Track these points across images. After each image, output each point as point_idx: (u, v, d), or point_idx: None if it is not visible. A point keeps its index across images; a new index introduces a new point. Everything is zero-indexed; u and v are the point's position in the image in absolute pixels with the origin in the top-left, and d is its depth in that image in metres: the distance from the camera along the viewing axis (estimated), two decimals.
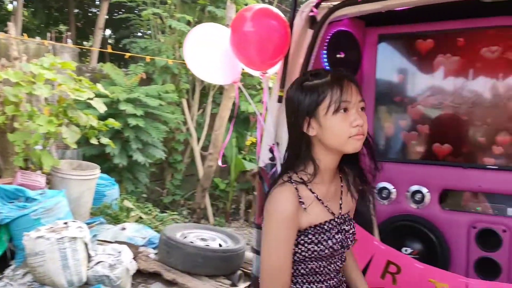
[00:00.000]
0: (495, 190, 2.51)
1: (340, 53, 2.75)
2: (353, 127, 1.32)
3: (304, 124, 1.36)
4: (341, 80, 1.34)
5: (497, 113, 2.54)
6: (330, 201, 1.44)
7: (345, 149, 1.35)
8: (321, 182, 1.41)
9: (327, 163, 1.40)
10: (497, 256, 2.49)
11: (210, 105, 7.22)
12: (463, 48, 2.62)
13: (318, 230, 1.40)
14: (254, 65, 2.40)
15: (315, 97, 1.33)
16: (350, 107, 1.33)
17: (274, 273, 1.37)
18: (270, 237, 1.38)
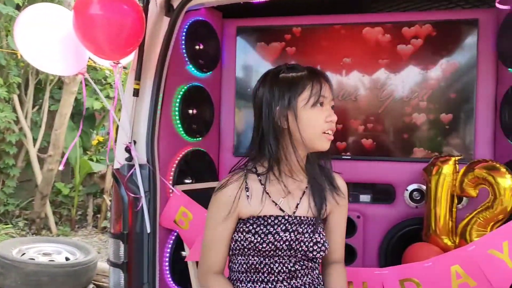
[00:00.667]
0: (349, 179, 2.63)
1: (199, 44, 2.60)
2: (326, 122, 1.37)
3: (280, 116, 1.37)
4: (319, 76, 1.39)
5: (347, 106, 2.67)
6: (285, 198, 1.43)
7: (315, 145, 1.38)
8: (280, 177, 1.42)
9: (291, 158, 1.40)
10: (353, 241, 2.63)
11: (47, 102, 6.45)
12: (317, 42, 2.70)
13: (258, 222, 1.40)
14: (104, 54, 2.11)
15: (296, 89, 1.36)
16: (325, 102, 1.38)
17: (205, 250, 1.45)
18: (209, 215, 1.44)
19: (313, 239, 1.42)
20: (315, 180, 1.47)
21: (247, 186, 1.41)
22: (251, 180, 1.42)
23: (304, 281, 1.43)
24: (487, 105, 2.51)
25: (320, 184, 1.47)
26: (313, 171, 1.48)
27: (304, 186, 1.47)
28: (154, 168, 2.26)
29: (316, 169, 1.48)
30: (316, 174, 1.48)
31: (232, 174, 1.44)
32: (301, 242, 1.40)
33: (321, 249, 1.42)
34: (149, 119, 2.27)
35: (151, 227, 2.24)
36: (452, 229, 2.25)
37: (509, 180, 2.01)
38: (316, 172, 1.48)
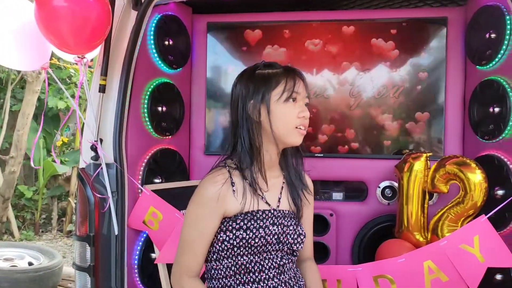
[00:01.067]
0: (321, 177, 2.63)
1: (169, 40, 2.53)
2: (299, 118, 1.40)
3: (253, 110, 1.40)
4: (294, 73, 1.43)
5: (319, 104, 2.66)
6: (268, 192, 1.46)
7: (288, 139, 1.41)
8: (259, 172, 1.44)
9: (267, 153, 1.43)
10: (326, 239, 2.61)
11: (8, 101, 6.20)
12: (289, 40, 2.68)
13: (248, 217, 1.39)
14: (68, 48, 2.04)
15: (270, 84, 1.39)
16: (298, 98, 1.41)
17: (182, 250, 1.41)
18: (189, 212, 1.41)
19: (297, 232, 1.48)
20: (290, 177, 1.53)
21: (233, 181, 1.41)
22: (235, 176, 1.42)
23: (290, 275, 1.47)
24: (456, 102, 2.54)
25: (294, 181, 1.53)
26: (289, 169, 1.53)
27: (281, 181, 1.52)
28: (122, 167, 2.18)
29: (292, 167, 1.54)
30: (291, 171, 1.53)
31: (215, 171, 1.44)
32: (287, 235, 1.45)
33: (302, 241, 1.49)
34: (116, 116, 2.20)
35: (119, 229, 2.17)
36: (424, 225, 2.26)
37: (479, 176, 2.03)
38: (291, 170, 1.53)
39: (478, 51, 2.35)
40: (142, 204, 2.22)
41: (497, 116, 2.20)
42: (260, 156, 1.44)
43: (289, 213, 1.49)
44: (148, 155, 2.41)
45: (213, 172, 1.44)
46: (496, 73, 2.24)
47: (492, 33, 2.24)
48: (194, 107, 2.78)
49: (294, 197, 1.52)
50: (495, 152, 2.21)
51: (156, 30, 2.42)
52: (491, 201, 2.08)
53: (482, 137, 2.30)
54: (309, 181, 1.62)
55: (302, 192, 1.54)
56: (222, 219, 1.41)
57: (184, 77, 2.71)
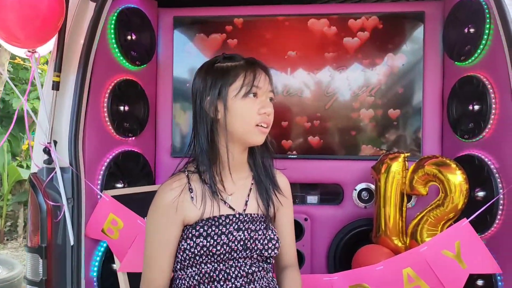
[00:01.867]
0: (295, 179, 2.50)
1: (131, 34, 2.36)
2: (260, 114, 1.29)
3: (210, 106, 1.30)
4: (255, 65, 1.32)
5: (292, 102, 2.53)
6: (233, 195, 1.37)
7: (249, 138, 1.31)
8: (223, 174, 1.35)
9: (230, 153, 1.33)
10: (300, 245, 2.48)
11: None
12: (259, 35, 2.54)
13: (209, 223, 1.31)
14: (17, 41, 1.87)
15: (227, 78, 1.29)
16: (260, 93, 1.31)
17: (147, 263, 1.34)
18: (149, 224, 1.34)
19: (267, 236, 1.37)
20: (259, 177, 1.43)
21: (191, 187, 1.33)
22: (194, 181, 1.34)
23: (261, 284, 1.37)
24: (434, 100, 2.45)
25: (263, 181, 1.43)
26: (257, 168, 1.43)
27: (250, 183, 1.42)
28: (78, 171, 2.00)
29: (260, 166, 1.43)
30: (260, 170, 1.43)
31: (173, 177, 1.36)
32: (255, 241, 1.35)
33: (275, 246, 1.38)
34: (72, 116, 2.04)
35: (75, 239, 2.00)
36: (402, 229, 2.15)
37: (460, 177, 1.93)
38: (260, 169, 1.43)
39: (456, 47, 2.26)
40: (100, 211, 2.04)
41: (477, 114, 2.12)
42: (221, 157, 1.34)
43: (258, 217, 1.39)
44: (109, 158, 2.24)
45: (171, 178, 1.36)
46: (475, 69, 2.15)
47: (471, 27, 2.15)
48: (160, 107, 2.61)
49: (265, 199, 1.41)
50: (475, 152, 2.12)
51: (117, 23, 2.26)
52: (472, 203, 1.99)
53: (462, 136, 2.21)
54: (284, 181, 1.51)
55: (273, 192, 1.43)
56: (183, 227, 1.34)
57: (149, 74, 2.55)
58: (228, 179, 1.37)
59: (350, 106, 2.50)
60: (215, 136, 1.33)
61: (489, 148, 2.05)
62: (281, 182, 1.49)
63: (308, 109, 2.53)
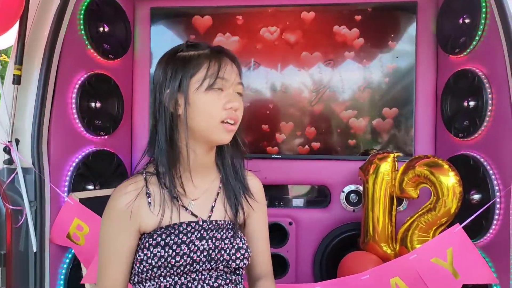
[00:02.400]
0: (280, 181, 2.36)
1: (103, 26, 2.21)
2: (225, 110, 1.15)
3: (170, 100, 1.16)
4: (221, 54, 1.19)
5: (276, 98, 2.38)
6: (198, 201, 1.23)
7: (213, 136, 1.17)
8: (184, 176, 1.20)
9: (193, 153, 1.19)
10: (284, 251, 2.35)
11: None
12: (243, 27, 2.39)
13: (168, 232, 1.17)
14: None
15: (189, 68, 1.15)
16: (226, 86, 1.17)
17: (101, 273, 1.21)
18: (102, 231, 1.21)
19: (234, 246, 1.24)
20: (228, 180, 1.29)
21: (148, 191, 1.19)
22: (152, 184, 1.20)
23: None
24: (427, 96, 2.32)
25: (232, 185, 1.29)
26: (226, 169, 1.29)
27: (217, 186, 1.28)
28: (41, 172, 1.86)
29: (229, 167, 1.30)
30: (229, 172, 1.29)
31: (129, 179, 1.22)
32: (221, 250, 1.21)
33: (244, 256, 1.24)
34: (36, 112, 1.90)
35: (38, 245, 1.88)
36: (392, 234, 2.00)
37: (453, 178, 1.78)
38: (229, 171, 1.29)
39: (451, 39, 2.12)
40: (64, 216, 1.90)
41: (473, 110, 1.97)
42: (183, 157, 1.19)
43: (226, 224, 1.26)
44: (78, 158, 2.09)
45: (127, 180, 1.21)
46: (470, 62, 2.01)
47: (466, 18, 2.01)
48: (137, 103, 2.47)
49: (233, 204, 1.28)
50: (470, 152, 1.98)
51: (87, 14, 2.11)
52: (467, 206, 1.86)
53: (456, 135, 2.07)
54: (256, 184, 1.36)
55: (243, 196, 1.30)
56: (140, 236, 1.20)
57: (124, 69, 2.40)
58: (191, 182, 1.23)
59: (337, 103, 2.36)
60: (176, 133, 1.19)
61: (485, 147, 1.91)
62: (253, 185, 1.35)
63: (293, 105, 2.39)
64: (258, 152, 2.35)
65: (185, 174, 1.21)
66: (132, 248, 1.19)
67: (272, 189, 2.40)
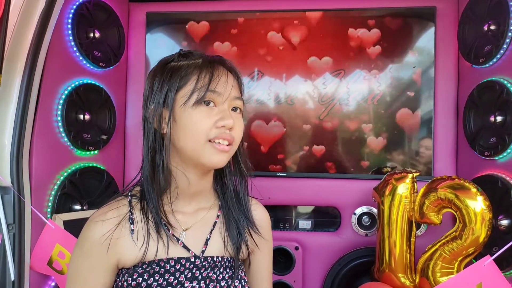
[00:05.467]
0: (285, 201, 2.16)
1: (94, 32, 2.04)
2: (217, 128, 0.99)
3: (154, 117, 1.02)
4: (214, 64, 1.03)
5: (281, 111, 2.20)
6: (190, 231, 1.06)
7: (202, 160, 1.00)
8: (175, 204, 1.06)
9: (185, 178, 1.04)
10: (290, 279, 2.15)
11: None
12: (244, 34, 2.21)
13: (151, 270, 0.99)
14: None
15: (176, 81, 1.01)
16: (219, 101, 1.01)
17: None
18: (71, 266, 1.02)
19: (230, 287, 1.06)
20: (229, 210, 1.12)
21: (132, 217, 1.02)
22: (137, 210, 1.04)
23: None
24: (447, 110, 2.13)
25: (234, 215, 1.12)
26: (227, 197, 1.13)
27: (215, 215, 1.12)
28: (21, 192, 1.68)
29: (231, 195, 1.13)
30: (231, 201, 1.13)
31: (110, 203, 1.06)
32: None
33: None
34: (16, 125, 1.71)
35: (16, 273, 1.70)
36: (411, 264, 1.80)
37: (481, 203, 1.58)
38: (231, 199, 1.13)
39: (474, 47, 1.94)
40: (45, 241, 1.71)
41: (500, 126, 1.78)
42: (175, 181, 1.04)
43: (222, 261, 1.07)
44: (63, 176, 1.90)
45: (108, 205, 1.05)
46: (497, 73, 1.83)
47: (492, 24, 1.83)
48: (130, 115, 2.29)
49: (233, 237, 1.10)
50: (497, 172, 1.78)
51: (75, 18, 1.94)
52: (493, 233, 1.64)
53: (481, 153, 1.87)
54: (262, 215, 1.19)
55: (247, 231, 1.12)
56: (118, 271, 1.03)
57: (116, 78, 2.22)
58: (183, 209, 1.07)
59: (348, 116, 2.17)
60: (164, 155, 1.02)
61: None
62: (259, 216, 1.17)
63: (300, 119, 2.20)
64: (260, 169, 2.16)
65: (176, 201, 1.06)
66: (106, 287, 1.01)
67: (276, 210, 2.21)
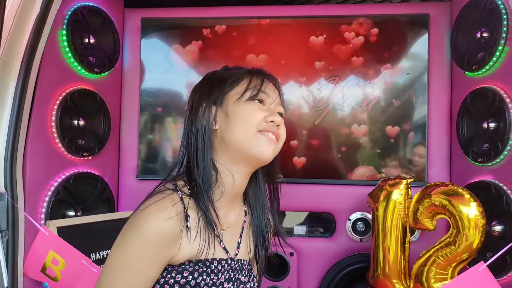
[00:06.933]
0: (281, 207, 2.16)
1: (89, 37, 2.04)
2: (266, 122, 1.03)
3: (207, 114, 1.05)
4: (262, 72, 1.12)
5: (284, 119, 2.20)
6: (227, 232, 1.08)
7: (252, 149, 1.02)
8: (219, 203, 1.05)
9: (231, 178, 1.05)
10: (285, 285, 2.14)
11: None
12: (240, 40, 2.22)
13: (200, 269, 0.99)
14: None
15: (230, 81, 1.07)
16: (268, 102, 1.08)
17: None
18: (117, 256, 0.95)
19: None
20: (257, 213, 1.15)
21: (187, 214, 0.99)
22: (190, 207, 1.01)
23: None
24: (441, 116, 2.14)
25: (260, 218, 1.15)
26: (256, 198, 1.16)
27: (242, 220, 1.14)
28: (15, 198, 1.67)
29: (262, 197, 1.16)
30: (259, 206, 1.16)
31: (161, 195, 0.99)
32: None
33: None
34: (10, 130, 1.70)
35: (9, 280, 1.68)
36: (405, 269, 1.80)
37: (475, 209, 1.59)
38: (259, 204, 1.16)
39: (467, 54, 1.96)
40: (38, 248, 1.70)
41: (493, 133, 1.80)
42: (218, 180, 1.04)
43: (246, 264, 1.12)
44: (57, 181, 1.90)
45: (162, 199, 0.98)
46: (490, 80, 1.84)
47: (485, 31, 1.85)
48: (125, 121, 2.28)
49: (258, 241, 1.14)
50: (491, 178, 1.79)
51: (70, 23, 1.95)
52: (487, 239, 1.65)
53: (475, 159, 1.89)
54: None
55: (267, 234, 1.16)
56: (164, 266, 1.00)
57: (111, 84, 2.22)
58: (223, 210, 1.07)
59: (343, 123, 2.18)
60: (214, 150, 1.06)
61: (508, 173, 1.72)
62: None
63: (294, 125, 2.20)
64: None
65: (220, 200, 1.05)
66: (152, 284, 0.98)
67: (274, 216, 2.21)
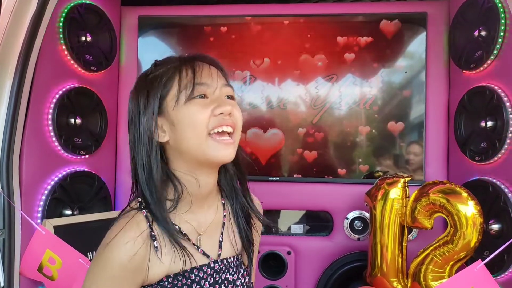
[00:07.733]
0: (277, 206, 2.16)
1: (86, 35, 2.03)
2: (214, 116, 0.95)
3: (151, 127, 0.97)
4: (192, 60, 1.00)
5: (273, 115, 2.20)
6: (205, 236, 1.03)
7: (207, 153, 0.95)
8: (188, 210, 1.00)
9: (195, 181, 0.98)
10: (282, 283, 2.15)
11: None
12: (238, 37, 2.21)
13: (180, 282, 0.96)
14: None
15: (159, 87, 0.97)
16: (209, 92, 0.98)
17: None
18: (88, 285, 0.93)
19: (243, 285, 1.08)
20: (236, 204, 1.10)
21: (153, 233, 0.95)
22: (156, 225, 0.96)
23: None
24: (438, 115, 2.15)
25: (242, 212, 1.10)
26: (232, 193, 1.10)
27: (222, 215, 1.09)
28: (11, 197, 1.66)
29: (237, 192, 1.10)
30: (237, 195, 1.09)
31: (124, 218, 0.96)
32: None
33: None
34: (6, 129, 1.70)
35: (5, 279, 1.69)
36: (403, 268, 1.80)
37: (473, 208, 1.59)
38: (237, 196, 1.09)
39: (465, 53, 1.96)
40: (35, 247, 1.69)
41: (491, 131, 1.80)
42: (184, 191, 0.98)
43: (234, 260, 1.06)
44: (53, 180, 1.89)
45: (124, 222, 0.94)
46: (488, 78, 1.84)
47: (482, 30, 1.85)
48: (122, 119, 2.28)
49: (243, 232, 1.09)
50: (488, 177, 1.79)
51: (67, 21, 1.93)
52: (485, 237, 1.65)
53: (472, 158, 1.89)
54: (259, 207, 1.17)
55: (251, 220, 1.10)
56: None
57: (108, 82, 2.21)
58: (196, 215, 1.02)
59: (341, 121, 2.17)
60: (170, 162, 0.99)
61: (506, 172, 1.72)
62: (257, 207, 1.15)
63: (292, 123, 2.20)
64: (253, 174, 2.16)
65: (190, 207, 1.00)
66: None
67: (269, 214, 2.20)
